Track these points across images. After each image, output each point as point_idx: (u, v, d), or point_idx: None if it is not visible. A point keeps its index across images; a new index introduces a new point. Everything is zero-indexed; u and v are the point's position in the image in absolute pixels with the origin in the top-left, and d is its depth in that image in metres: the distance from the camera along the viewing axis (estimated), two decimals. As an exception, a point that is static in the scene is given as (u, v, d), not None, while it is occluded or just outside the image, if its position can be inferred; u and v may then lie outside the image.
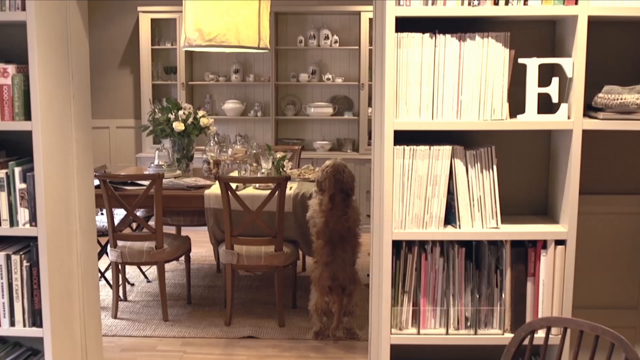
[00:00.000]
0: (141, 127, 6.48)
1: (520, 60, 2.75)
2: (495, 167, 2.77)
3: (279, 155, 5.39)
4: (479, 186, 2.78)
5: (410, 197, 2.77)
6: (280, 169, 5.31)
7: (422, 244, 2.87)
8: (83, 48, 3.28)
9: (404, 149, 2.73)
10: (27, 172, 2.90)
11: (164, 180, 4.94)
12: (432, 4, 2.68)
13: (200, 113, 5.81)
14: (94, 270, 3.45)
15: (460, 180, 2.77)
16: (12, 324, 2.98)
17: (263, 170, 5.22)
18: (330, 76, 7.84)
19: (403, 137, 2.74)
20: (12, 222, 2.92)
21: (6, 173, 2.88)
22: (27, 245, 3.00)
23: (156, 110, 5.87)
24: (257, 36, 5.03)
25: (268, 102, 7.99)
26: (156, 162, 5.71)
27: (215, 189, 5.00)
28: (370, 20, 7.52)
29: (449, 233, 2.80)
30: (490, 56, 2.71)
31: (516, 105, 2.79)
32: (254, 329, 4.77)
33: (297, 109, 8.06)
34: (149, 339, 4.63)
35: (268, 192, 4.89)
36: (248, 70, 8.05)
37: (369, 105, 7.77)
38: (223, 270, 6.05)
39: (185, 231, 6.36)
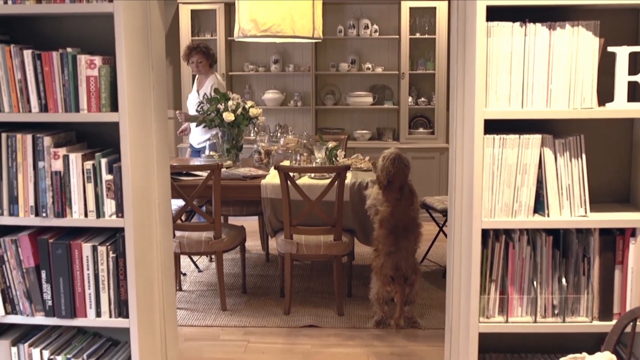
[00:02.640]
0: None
1: (610, 49, 2.74)
2: (584, 156, 2.77)
3: (331, 144, 5.40)
4: (568, 175, 2.78)
5: (499, 186, 2.77)
6: (333, 159, 5.32)
7: (508, 232, 2.88)
8: (160, 40, 3.30)
9: (493, 138, 2.74)
10: (113, 163, 2.92)
11: (219, 170, 4.97)
12: (523, -8, 2.68)
13: (249, 103, 5.83)
14: (171, 260, 3.48)
15: (549, 169, 2.77)
16: (98, 314, 3.00)
17: (317, 160, 5.24)
18: (369, 65, 7.84)
19: (488, 126, 2.75)
20: (99, 213, 2.94)
21: (92, 164, 2.91)
22: (111, 236, 3.02)
23: (204, 101, 5.89)
24: (312, 26, 5.04)
25: (308, 91, 7.99)
26: (207, 153, 5.73)
27: (272, 178, 5.02)
28: (411, 9, 7.51)
29: (538, 221, 2.80)
30: (580, 45, 2.70)
31: (603, 94, 2.78)
32: (314, 317, 4.80)
33: (336, 99, 8.06)
34: (211, 329, 4.67)
35: (323, 181, 4.91)
36: (287, 60, 8.05)
37: (410, 94, 7.76)
38: (274, 260, 6.10)
39: (232, 221, 6.38)
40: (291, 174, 4.73)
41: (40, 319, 3.02)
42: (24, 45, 2.90)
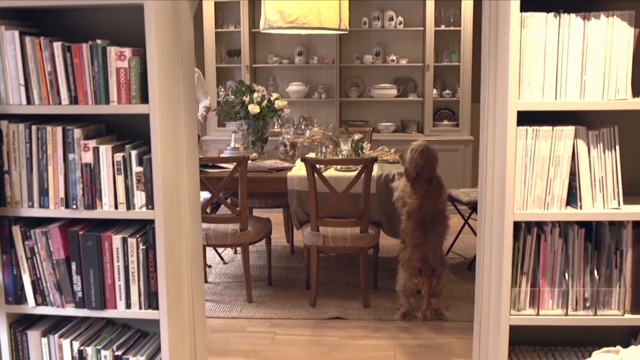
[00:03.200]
0: (214, 110, 6.51)
1: (645, 38, 2.70)
2: (617, 148, 2.73)
3: (357, 136, 5.38)
4: (601, 167, 2.74)
5: (532, 178, 2.74)
6: (359, 151, 5.30)
7: (540, 224, 2.85)
8: (189, 31, 3.29)
9: (526, 130, 2.71)
10: (143, 155, 2.92)
11: (244, 162, 4.97)
12: (557, -18, 2.64)
13: (274, 95, 5.82)
14: (200, 252, 3.48)
15: (582, 161, 2.74)
16: (128, 306, 3.01)
17: (343, 152, 5.22)
18: (394, 57, 7.81)
19: (520, 118, 2.72)
20: (129, 205, 2.94)
21: (123, 156, 2.91)
22: (141, 228, 3.03)
23: (229, 92, 5.89)
24: (338, 17, 5.02)
25: (332, 84, 7.98)
26: (232, 145, 5.74)
27: (298, 170, 5.02)
28: (436, 1, 7.46)
29: (571, 214, 2.77)
30: (615, 35, 2.66)
31: (637, 85, 2.74)
32: (340, 309, 4.80)
33: (360, 91, 8.04)
34: (237, 320, 4.68)
35: (349, 173, 4.90)
36: (311, 52, 8.04)
37: (434, 86, 7.72)
38: (299, 252, 6.10)
39: (257, 213, 6.39)
40: (317, 166, 4.72)
41: (70, 310, 3.03)
42: (54, 37, 2.90)
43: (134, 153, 2.91)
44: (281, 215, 6.50)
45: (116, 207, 2.95)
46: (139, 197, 2.93)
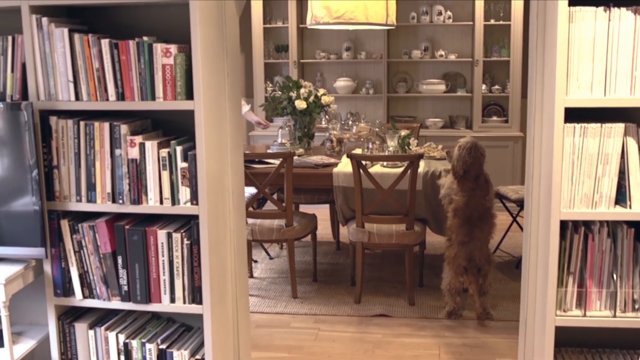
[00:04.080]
0: (261, 105, 6.54)
1: (699, 33, 2.62)
2: (669, 145, 2.66)
3: (403, 132, 5.35)
4: (652, 165, 2.67)
5: (579, 176, 2.69)
6: (406, 147, 5.27)
7: (587, 224, 2.80)
8: (235, 28, 3.31)
9: (574, 127, 2.65)
10: (188, 151, 2.94)
11: (291, 158, 4.98)
12: (607, -24, 2.58)
13: (321, 91, 5.82)
14: (244, 248, 3.50)
15: (632, 159, 2.67)
16: (173, 300, 3.04)
17: (390, 149, 5.19)
18: (442, 52, 7.73)
19: (568, 115, 2.66)
20: (174, 200, 2.97)
21: (168, 152, 2.93)
22: (186, 223, 3.05)
23: (276, 88, 5.91)
24: (385, 12, 5.00)
25: (379, 79, 7.94)
26: (279, 141, 5.75)
27: (344, 166, 5.01)
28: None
29: (620, 213, 2.70)
30: (667, 29, 2.59)
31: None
32: (385, 307, 4.78)
33: (408, 86, 7.98)
34: (282, 316, 4.70)
35: (395, 170, 4.87)
36: (359, 47, 8.01)
37: (483, 81, 7.62)
38: (344, 248, 6.09)
39: (303, 209, 6.40)
40: (363, 162, 4.70)
41: (116, 304, 3.08)
42: (102, 34, 2.95)
43: (179, 149, 2.93)
44: (328, 211, 6.49)
45: (161, 202, 2.98)
46: (184, 193, 2.96)
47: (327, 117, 6.14)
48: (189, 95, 2.90)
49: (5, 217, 3.00)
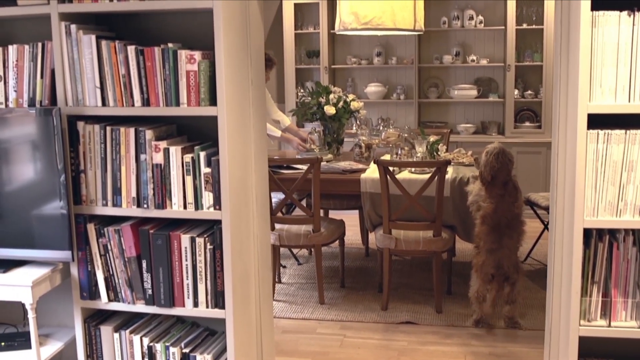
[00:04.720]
0: (291, 110, 6.55)
1: None
2: (696, 153, 2.61)
3: (432, 138, 5.32)
4: (678, 172, 2.63)
5: (603, 184, 2.65)
6: (435, 153, 5.24)
7: (612, 232, 2.76)
8: (259, 36, 3.33)
9: (597, 134, 2.62)
10: (211, 156, 2.97)
11: (319, 164, 4.99)
12: (632, -19, 2.55)
13: (351, 97, 5.82)
14: (268, 253, 3.51)
15: (658, 167, 2.63)
16: (196, 304, 3.06)
17: (419, 154, 5.17)
18: (474, 57, 7.69)
19: (592, 121, 2.63)
20: (197, 205, 2.99)
21: (192, 157, 2.96)
22: (209, 228, 3.07)
23: (306, 94, 5.93)
24: (413, 18, 4.99)
25: (410, 84, 7.92)
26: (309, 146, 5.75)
27: (371, 172, 5.00)
28: (518, -1, 7.32)
29: (645, 222, 2.66)
30: (694, 34, 2.55)
31: None
32: (411, 314, 4.76)
33: (440, 92, 7.95)
34: (308, 322, 4.70)
35: (423, 176, 4.84)
36: (390, 53, 8.00)
37: (516, 86, 7.56)
38: (373, 255, 6.08)
39: (332, 214, 6.40)
40: (391, 168, 4.69)
41: (140, 307, 3.11)
42: (128, 41, 2.98)
43: (202, 154, 2.96)
44: (357, 216, 6.48)
45: (185, 207, 3.01)
46: (207, 198, 2.98)
47: (357, 122, 6.14)
48: (213, 101, 2.93)
49: (34, 220, 3.05)
